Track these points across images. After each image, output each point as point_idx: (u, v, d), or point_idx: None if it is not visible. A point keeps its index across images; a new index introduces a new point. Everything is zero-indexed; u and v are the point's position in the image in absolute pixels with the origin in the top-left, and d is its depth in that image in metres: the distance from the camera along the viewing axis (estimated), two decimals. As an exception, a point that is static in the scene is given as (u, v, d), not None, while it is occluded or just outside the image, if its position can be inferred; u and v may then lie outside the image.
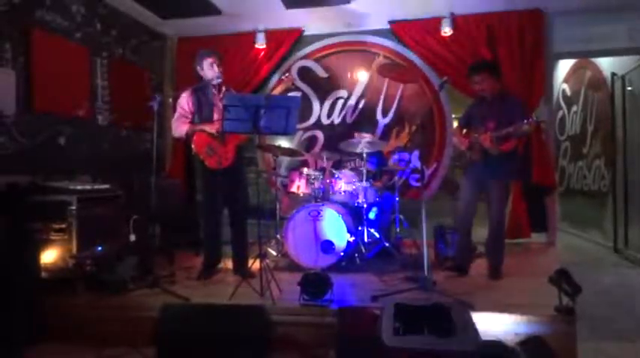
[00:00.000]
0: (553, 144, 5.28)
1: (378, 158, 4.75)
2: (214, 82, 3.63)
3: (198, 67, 3.68)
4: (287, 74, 3.81)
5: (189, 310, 2.79)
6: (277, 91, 5.58)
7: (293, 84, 3.82)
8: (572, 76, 7.05)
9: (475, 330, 2.07)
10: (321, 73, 5.62)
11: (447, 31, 5.02)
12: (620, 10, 4.81)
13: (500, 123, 3.40)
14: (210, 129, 3.58)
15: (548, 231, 5.03)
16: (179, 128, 3.66)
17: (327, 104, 5.62)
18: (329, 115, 5.62)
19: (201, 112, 3.65)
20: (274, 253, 4.39)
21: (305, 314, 2.84)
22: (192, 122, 3.67)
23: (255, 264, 3.47)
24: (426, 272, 3.05)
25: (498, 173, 3.50)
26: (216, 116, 3.62)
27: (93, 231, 3.47)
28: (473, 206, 3.62)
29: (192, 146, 3.62)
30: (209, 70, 3.63)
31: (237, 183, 3.72)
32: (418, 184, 5.30)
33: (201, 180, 3.80)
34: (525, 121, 3.20)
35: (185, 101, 3.67)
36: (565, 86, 7.27)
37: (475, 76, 3.52)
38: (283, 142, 5.34)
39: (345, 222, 3.80)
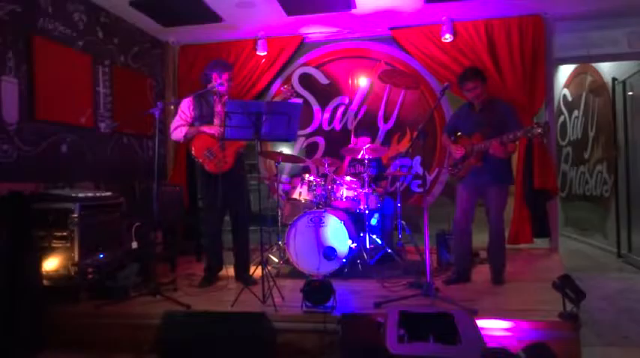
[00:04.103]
0: (554, 149, 5.27)
1: (376, 163, 4.76)
2: (218, 90, 3.65)
3: (215, 75, 3.66)
4: (286, 85, 3.82)
5: (190, 317, 2.78)
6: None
7: (292, 94, 3.83)
8: (572, 81, 7.06)
9: (480, 337, 2.06)
10: (322, 80, 5.63)
11: (447, 37, 5.03)
12: (621, 16, 4.83)
13: (494, 128, 3.40)
14: (209, 130, 3.60)
15: (551, 236, 5.01)
16: (176, 131, 3.66)
17: (328, 110, 5.63)
18: (330, 122, 5.64)
19: (202, 118, 3.67)
20: (276, 260, 4.38)
21: (307, 322, 2.83)
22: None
23: (257, 271, 3.46)
24: (428, 279, 3.04)
25: (497, 178, 3.49)
26: (216, 122, 3.64)
27: (95, 238, 3.48)
28: (471, 212, 3.61)
29: (192, 150, 3.63)
30: (226, 82, 3.64)
31: (238, 188, 3.71)
32: (420, 190, 5.30)
33: (202, 184, 3.80)
34: (536, 124, 3.19)
35: (186, 106, 3.69)
36: (566, 91, 7.27)
37: (469, 83, 3.51)
38: (285, 149, 5.34)
39: (347, 228, 3.79)
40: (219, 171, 3.58)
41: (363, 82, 5.55)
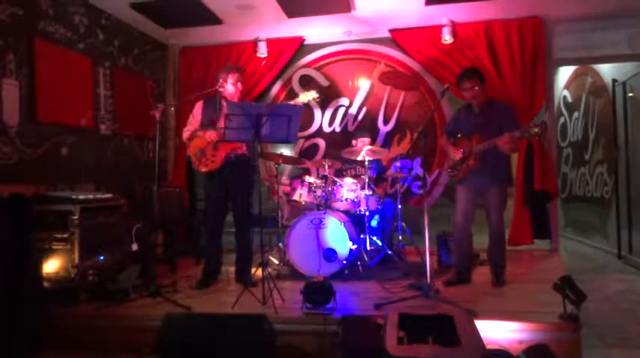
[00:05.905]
0: (555, 151, 5.27)
1: (376, 165, 4.76)
2: (224, 93, 3.66)
3: (222, 80, 3.67)
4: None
5: (191, 319, 2.78)
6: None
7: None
8: (573, 82, 7.06)
9: (480, 339, 2.06)
10: (323, 82, 5.64)
11: (447, 38, 5.04)
12: (621, 17, 4.83)
13: (493, 129, 3.40)
14: (209, 136, 3.59)
15: (551, 237, 5.01)
16: (184, 134, 3.79)
17: (328, 112, 5.63)
18: (330, 123, 5.64)
19: (210, 122, 3.69)
20: (276, 261, 4.38)
21: (308, 323, 2.83)
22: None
23: (257, 273, 3.46)
24: (428, 280, 3.04)
25: (496, 179, 3.49)
26: (220, 125, 3.65)
27: (95, 240, 3.48)
28: (471, 214, 3.60)
29: (189, 150, 3.74)
30: (232, 85, 3.67)
31: (232, 189, 3.69)
32: (420, 191, 5.29)
33: (203, 187, 3.85)
34: (533, 124, 3.19)
35: (196, 111, 3.77)
36: (566, 92, 7.27)
37: (466, 82, 3.51)
38: (285, 150, 5.34)
39: (347, 229, 3.79)
40: (207, 170, 3.63)
41: (363, 83, 5.55)
